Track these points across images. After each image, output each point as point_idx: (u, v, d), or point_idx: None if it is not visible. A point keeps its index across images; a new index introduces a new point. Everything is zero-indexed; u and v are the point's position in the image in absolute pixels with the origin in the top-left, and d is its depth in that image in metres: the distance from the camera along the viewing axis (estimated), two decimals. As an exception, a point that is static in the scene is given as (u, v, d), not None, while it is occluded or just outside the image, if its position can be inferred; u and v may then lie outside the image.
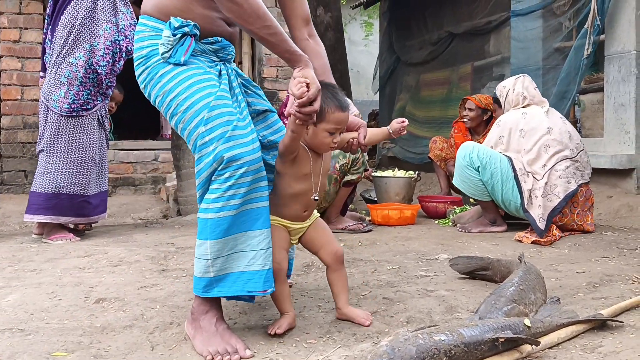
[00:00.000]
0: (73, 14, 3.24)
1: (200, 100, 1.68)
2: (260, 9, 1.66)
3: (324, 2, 8.56)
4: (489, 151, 3.37)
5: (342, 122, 1.79)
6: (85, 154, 3.31)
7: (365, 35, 11.12)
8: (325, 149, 1.83)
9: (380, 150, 7.94)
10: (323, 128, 1.77)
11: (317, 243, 1.90)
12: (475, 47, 6.39)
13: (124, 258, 2.70)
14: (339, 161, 3.38)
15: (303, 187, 1.82)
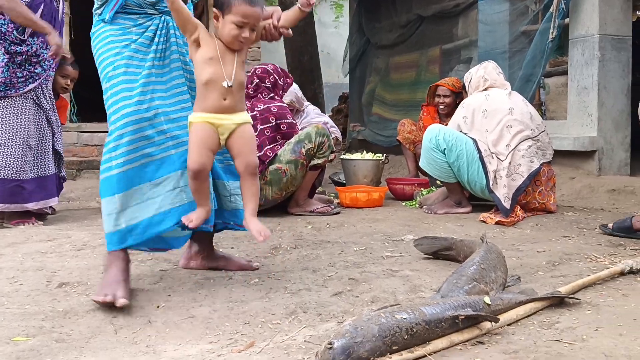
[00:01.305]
0: None
1: (109, 65, 1.96)
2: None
3: (293, -17, 8.51)
4: (454, 133, 3.42)
5: (249, 16, 1.86)
6: (16, 136, 3.16)
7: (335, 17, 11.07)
8: (235, 42, 1.88)
9: (350, 133, 7.95)
10: (230, 20, 1.85)
11: (237, 150, 1.95)
12: (444, 30, 6.42)
13: (88, 242, 2.67)
14: (304, 146, 3.38)
15: (212, 72, 1.87)
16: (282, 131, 3.46)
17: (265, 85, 3.59)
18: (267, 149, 3.38)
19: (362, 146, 7.60)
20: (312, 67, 8.93)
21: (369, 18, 8.01)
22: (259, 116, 3.42)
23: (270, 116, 3.43)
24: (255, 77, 3.62)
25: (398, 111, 6.89)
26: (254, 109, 3.46)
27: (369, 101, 7.71)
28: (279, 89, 3.65)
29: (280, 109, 3.51)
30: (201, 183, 1.89)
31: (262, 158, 3.32)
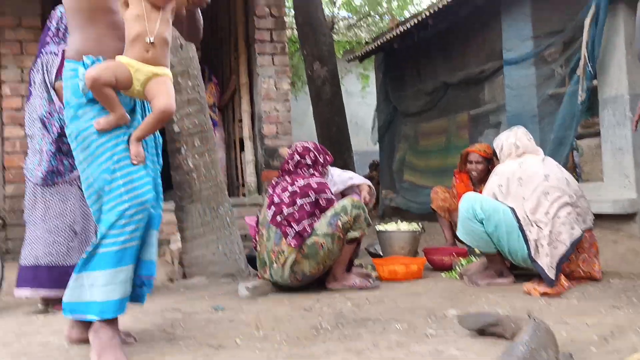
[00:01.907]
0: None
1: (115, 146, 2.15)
2: None
3: (319, 57, 8.76)
4: (491, 202, 3.39)
5: None
6: (61, 222, 3.22)
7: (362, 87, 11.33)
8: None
9: (383, 200, 7.96)
10: None
11: (152, 93, 2.15)
12: (471, 96, 6.51)
13: (131, 328, 2.67)
14: (341, 218, 3.39)
15: (138, 29, 2.09)
16: (321, 206, 3.48)
17: (305, 162, 3.65)
18: (305, 224, 3.39)
19: (395, 214, 7.59)
20: (341, 137, 9.06)
21: (395, 87, 8.18)
22: (299, 191, 3.46)
23: (309, 191, 3.47)
24: (296, 154, 3.69)
25: (430, 177, 6.91)
26: (294, 183, 3.51)
27: (400, 168, 7.76)
28: (319, 166, 3.71)
29: (320, 184, 3.56)
30: (99, 93, 2.09)
31: (301, 232, 3.34)
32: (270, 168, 5.87)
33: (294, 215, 3.37)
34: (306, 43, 8.82)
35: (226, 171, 6.05)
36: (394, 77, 8.20)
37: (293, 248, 3.33)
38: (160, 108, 2.15)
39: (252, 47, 5.91)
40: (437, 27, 6.60)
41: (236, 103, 6.24)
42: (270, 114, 5.90)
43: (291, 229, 3.34)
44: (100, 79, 2.07)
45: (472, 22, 6.26)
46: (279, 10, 5.92)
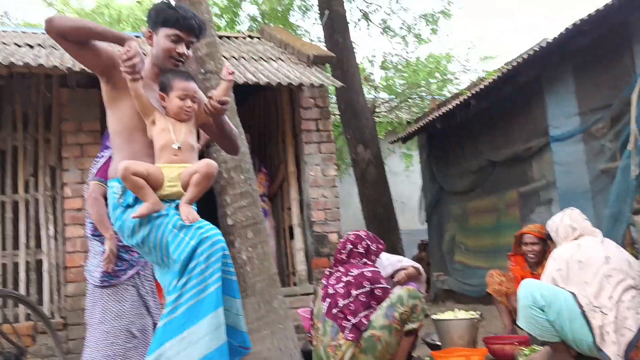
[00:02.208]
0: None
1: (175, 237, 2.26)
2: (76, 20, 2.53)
3: (362, 140, 8.92)
4: (551, 288, 3.28)
5: (187, 88, 2.38)
6: (119, 324, 3.27)
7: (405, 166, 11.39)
8: (182, 113, 2.38)
9: (434, 283, 7.79)
10: (173, 95, 2.36)
11: (186, 172, 2.34)
12: (518, 173, 6.45)
13: None
14: (397, 310, 3.33)
15: (165, 139, 2.35)
16: (376, 296, 3.44)
17: (357, 251, 3.65)
18: (361, 317, 3.34)
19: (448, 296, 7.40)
20: (387, 217, 9.04)
21: (440, 166, 8.20)
22: (353, 281, 3.44)
23: (364, 281, 3.45)
24: (349, 242, 3.70)
25: (482, 258, 6.77)
26: (348, 274, 3.50)
27: (450, 249, 7.64)
28: (371, 254, 3.71)
29: (374, 273, 3.53)
30: (130, 181, 2.26)
31: (357, 325, 3.29)
32: (320, 255, 5.87)
33: (350, 307, 3.33)
34: (349, 127, 9.02)
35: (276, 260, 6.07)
36: (439, 156, 8.24)
37: (351, 342, 3.27)
38: (204, 162, 2.33)
39: (299, 136, 6.08)
40: (479, 106, 6.68)
41: (285, 191, 6.36)
42: (318, 201, 5.97)
43: (348, 322, 3.30)
44: (130, 167, 2.27)
45: (515, 99, 6.31)
46: (324, 100, 6.11)
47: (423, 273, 4.04)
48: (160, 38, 2.43)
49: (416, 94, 11.02)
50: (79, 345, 5.14)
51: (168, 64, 2.44)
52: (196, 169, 2.33)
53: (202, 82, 4.04)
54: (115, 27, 13.52)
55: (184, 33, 2.42)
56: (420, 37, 11.64)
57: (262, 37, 7.99)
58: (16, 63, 4.99)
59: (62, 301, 5.43)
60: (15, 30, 7.13)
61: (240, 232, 3.95)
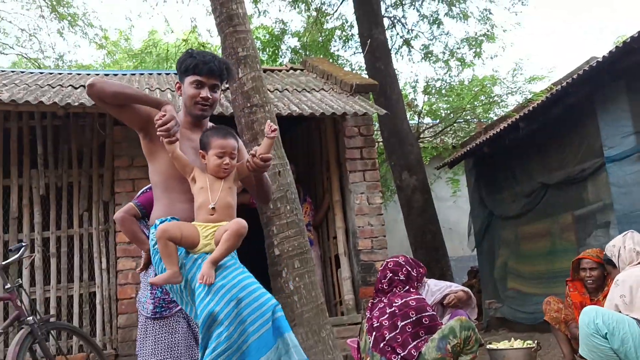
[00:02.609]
0: None
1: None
2: (115, 85, 2.50)
3: (407, 166, 8.84)
4: (614, 315, 3.12)
5: (224, 145, 2.45)
6: (170, 356, 3.29)
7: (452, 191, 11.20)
8: (220, 170, 2.46)
9: (486, 311, 7.55)
10: (212, 153, 2.46)
11: (220, 231, 2.40)
12: (573, 196, 6.22)
13: None
14: (450, 342, 3.22)
15: (202, 199, 2.45)
16: (425, 325, 3.34)
17: (398, 279, 3.56)
18: (410, 348, 3.25)
19: (501, 325, 7.15)
20: (436, 244, 8.88)
21: (489, 190, 8.01)
22: (398, 312, 3.36)
23: (410, 311, 3.36)
24: (388, 270, 3.62)
25: (537, 284, 6.52)
26: (392, 304, 3.41)
27: (502, 275, 7.40)
28: (414, 281, 3.60)
29: (419, 301, 3.44)
30: (162, 244, 2.35)
31: (406, 357, 3.19)
32: (367, 284, 5.78)
33: (397, 340, 3.24)
34: (393, 154, 8.97)
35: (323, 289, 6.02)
36: (487, 181, 8.06)
37: (405, 376, 3.18)
38: (234, 221, 2.39)
39: (344, 165, 6.07)
40: (529, 128, 6.52)
41: (330, 220, 6.33)
42: (364, 229, 5.91)
43: (397, 356, 3.21)
44: (167, 231, 2.35)
45: (566, 120, 6.14)
46: (368, 129, 6.10)
47: (473, 297, 3.91)
48: (185, 86, 2.56)
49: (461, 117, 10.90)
50: (130, 377, 5.21)
51: (195, 110, 2.55)
52: (227, 227, 2.40)
53: (249, 115, 4.10)
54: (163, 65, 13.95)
55: (205, 77, 2.52)
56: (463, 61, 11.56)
57: (305, 68, 8.09)
58: (72, 104, 5.19)
59: (114, 332, 5.52)
60: (70, 72, 7.45)
61: (287, 262, 3.93)
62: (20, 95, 5.27)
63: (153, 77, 7.35)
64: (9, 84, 5.95)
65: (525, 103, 8.75)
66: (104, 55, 17.44)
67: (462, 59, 11.57)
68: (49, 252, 5.67)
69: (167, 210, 2.49)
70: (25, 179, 5.74)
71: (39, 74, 7.18)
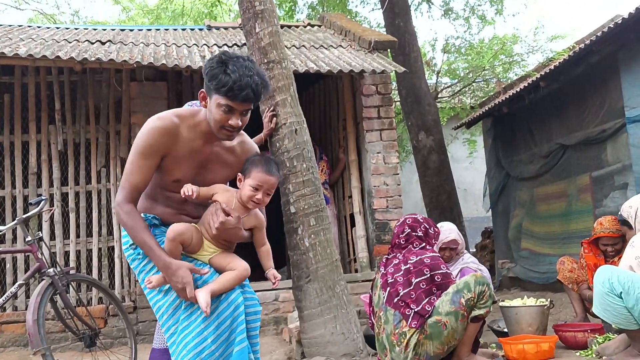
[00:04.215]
0: None
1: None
2: (130, 229, 2.25)
3: (424, 126, 8.76)
4: (630, 274, 3.12)
5: (265, 182, 2.27)
6: None
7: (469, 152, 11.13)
8: (249, 203, 2.29)
9: (499, 270, 7.59)
10: (249, 183, 2.28)
11: (223, 264, 2.32)
12: (591, 157, 6.16)
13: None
14: (464, 296, 3.25)
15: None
16: (437, 282, 3.37)
17: (416, 235, 3.57)
18: (424, 303, 3.28)
19: (514, 284, 7.20)
20: (451, 205, 8.87)
21: (506, 151, 7.95)
22: (413, 269, 3.38)
23: (424, 268, 3.38)
24: (407, 226, 3.61)
25: (551, 245, 6.52)
26: (407, 261, 3.43)
27: (516, 236, 7.41)
28: (430, 238, 3.61)
29: (433, 259, 3.46)
30: (173, 244, 2.23)
31: (420, 312, 3.23)
32: (381, 242, 5.82)
33: (411, 296, 3.27)
34: (411, 114, 8.88)
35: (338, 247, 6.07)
36: (505, 141, 7.99)
37: (415, 329, 3.22)
38: (243, 267, 2.32)
39: (360, 124, 6.03)
40: (549, 87, 6.41)
41: (346, 179, 6.34)
42: (379, 189, 5.91)
43: (410, 310, 3.25)
44: (183, 234, 2.27)
45: (588, 80, 6.02)
46: (386, 87, 6.03)
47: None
48: (212, 104, 2.18)
49: (481, 77, 10.72)
50: (149, 327, 5.35)
51: (220, 135, 2.24)
52: (234, 265, 2.31)
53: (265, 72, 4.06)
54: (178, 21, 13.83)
55: (237, 104, 2.15)
56: (484, 18, 11.30)
57: (322, 24, 7.97)
58: (89, 59, 5.18)
59: (132, 285, 5.64)
60: (87, 28, 7.41)
61: (302, 219, 3.96)
62: (38, 50, 5.26)
63: (169, 32, 7.29)
64: (26, 39, 5.95)
65: (546, 62, 8.57)
66: (119, 11, 17.31)
67: (482, 16, 11.30)
68: (68, 207, 5.76)
69: (148, 208, 2.37)
70: (44, 135, 5.79)
71: (56, 29, 7.14)
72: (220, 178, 2.42)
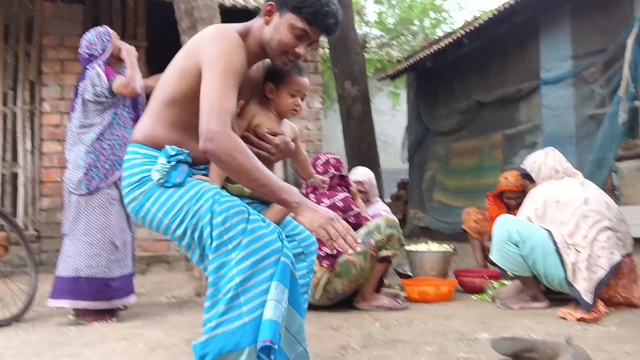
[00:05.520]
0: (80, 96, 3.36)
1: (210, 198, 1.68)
2: (246, 165, 1.62)
3: (350, 76, 8.75)
4: (527, 224, 3.31)
5: (301, 85, 2.01)
6: (103, 236, 3.26)
7: (392, 105, 11.29)
8: (289, 112, 2.03)
9: (411, 220, 7.87)
10: (286, 91, 2.01)
11: None
12: (506, 116, 6.42)
13: (161, 341, 2.68)
14: (374, 237, 3.35)
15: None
16: (350, 224, 3.46)
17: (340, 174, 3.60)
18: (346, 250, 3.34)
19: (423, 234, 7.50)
20: (370, 155, 9.00)
21: (427, 106, 8.13)
22: (325, 211, 3.42)
23: (336, 210, 3.43)
24: (331, 166, 3.60)
25: (461, 198, 6.81)
26: (320, 203, 3.48)
27: (429, 188, 7.68)
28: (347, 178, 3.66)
29: (345, 201, 3.52)
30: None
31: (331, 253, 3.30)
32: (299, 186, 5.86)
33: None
34: (338, 62, 8.83)
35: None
36: (426, 96, 8.16)
37: (326, 269, 3.30)
38: None
39: (285, 65, 5.94)
40: (472, 45, 6.55)
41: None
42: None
43: (321, 251, 3.31)
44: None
45: (509, 40, 6.20)
46: (313, 30, 5.94)
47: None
48: (283, 23, 1.79)
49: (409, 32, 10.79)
50: (52, 257, 5.18)
51: (277, 61, 1.85)
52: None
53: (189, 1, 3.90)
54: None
55: (315, 32, 1.81)
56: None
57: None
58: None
59: (36, 214, 5.42)
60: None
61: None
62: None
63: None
64: None
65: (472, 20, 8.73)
66: None
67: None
68: (-30, 129, 5.39)
69: (179, 142, 1.79)
70: (-54, 50, 5.34)
71: None
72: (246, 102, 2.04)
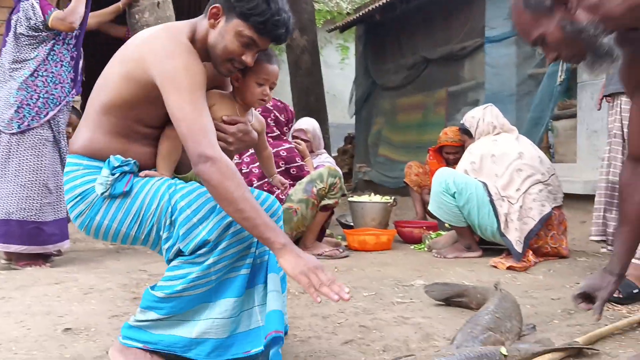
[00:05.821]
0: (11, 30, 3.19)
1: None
2: (232, 195, 1.51)
3: (299, 25, 8.62)
4: (464, 177, 3.40)
5: (270, 73, 1.85)
6: (35, 178, 3.15)
7: (341, 58, 11.23)
8: (256, 102, 1.87)
9: (356, 174, 7.95)
10: (253, 79, 1.83)
11: None
12: (450, 73, 6.49)
13: (95, 286, 2.64)
14: (316, 185, 3.37)
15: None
16: (292, 175, 3.47)
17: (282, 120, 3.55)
18: (278, 193, 3.36)
19: (368, 187, 7.60)
20: (318, 108, 8.97)
21: (375, 60, 8.12)
22: (269, 161, 3.40)
23: (279, 161, 3.43)
24: (276, 110, 3.54)
25: (405, 153, 6.91)
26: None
27: (375, 142, 7.75)
28: (282, 126, 3.60)
29: (289, 151, 3.51)
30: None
31: (273, 200, 3.30)
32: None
33: (264, 188, 3.32)
34: (288, 11, 8.68)
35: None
36: (375, 50, 8.13)
37: (266, 216, 3.30)
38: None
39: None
40: (419, 0, 6.54)
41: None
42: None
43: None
44: None
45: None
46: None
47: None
48: (229, 29, 1.66)
49: (360, -17, 10.66)
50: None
51: (220, 69, 1.73)
52: None
53: None
54: None
55: (264, 42, 1.70)
56: None
57: None
58: None
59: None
60: None
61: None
62: None
63: None
64: None
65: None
66: None
67: None
68: None
69: (122, 150, 1.70)
70: None
71: None
72: None
